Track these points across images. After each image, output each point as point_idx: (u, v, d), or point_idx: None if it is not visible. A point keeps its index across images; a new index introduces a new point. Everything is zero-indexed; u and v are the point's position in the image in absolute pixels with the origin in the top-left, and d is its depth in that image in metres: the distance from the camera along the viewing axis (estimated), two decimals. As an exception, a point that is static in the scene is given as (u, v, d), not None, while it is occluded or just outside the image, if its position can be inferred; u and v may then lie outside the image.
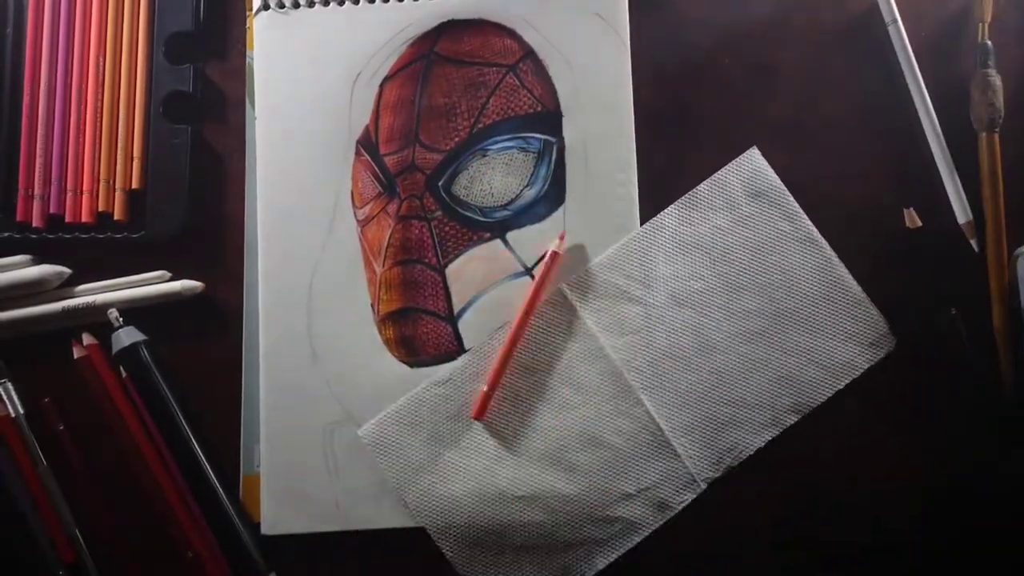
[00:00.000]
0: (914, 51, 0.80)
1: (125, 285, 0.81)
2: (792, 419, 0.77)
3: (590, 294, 0.78)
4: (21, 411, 0.79)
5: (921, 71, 0.80)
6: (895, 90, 0.81)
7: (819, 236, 0.78)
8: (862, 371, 0.78)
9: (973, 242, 0.78)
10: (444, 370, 0.78)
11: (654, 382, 0.77)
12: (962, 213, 0.78)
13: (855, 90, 0.82)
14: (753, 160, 0.80)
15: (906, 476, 0.78)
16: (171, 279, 0.81)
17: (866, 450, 0.78)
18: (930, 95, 0.80)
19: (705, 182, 0.79)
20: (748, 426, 0.77)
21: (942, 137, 0.79)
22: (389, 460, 0.77)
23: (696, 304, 0.78)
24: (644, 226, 0.78)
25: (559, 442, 0.77)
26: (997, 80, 0.78)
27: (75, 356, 0.79)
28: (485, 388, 0.75)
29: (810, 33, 0.82)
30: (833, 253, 0.78)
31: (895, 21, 0.80)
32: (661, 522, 0.77)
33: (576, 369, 0.78)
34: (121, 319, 0.79)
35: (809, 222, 0.79)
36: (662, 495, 0.77)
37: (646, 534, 0.77)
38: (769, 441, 0.77)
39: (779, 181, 0.79)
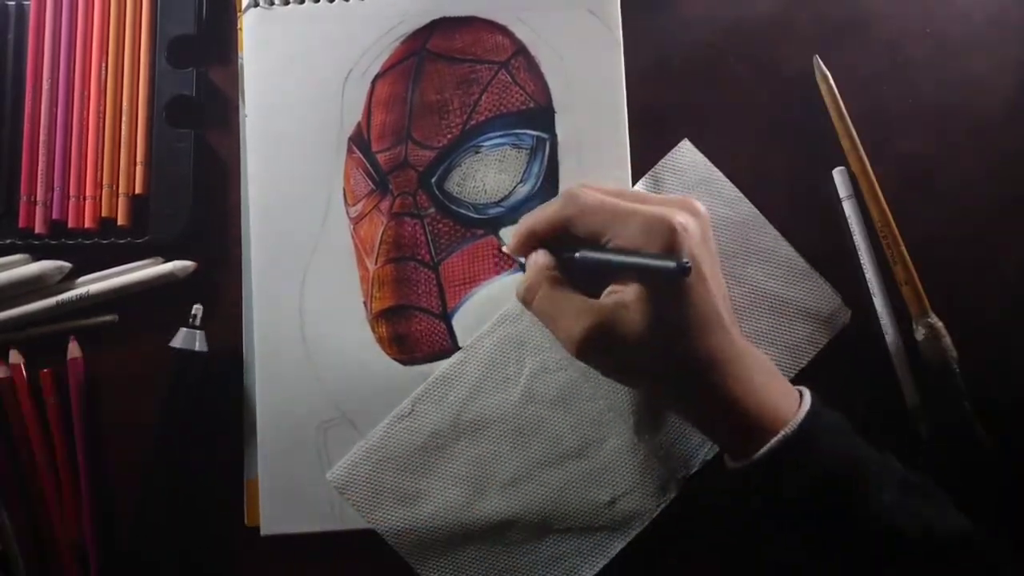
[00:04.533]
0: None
1: (118, 273, 0.81)
2: None
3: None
4: None
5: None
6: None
7: (762, 218, 0.78)
8: (823, 345, 0.77)
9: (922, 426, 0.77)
10: (405, 402, 0.77)
11: (617, 385, 0.76)
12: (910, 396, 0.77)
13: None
14: (685, 152, 0.79)
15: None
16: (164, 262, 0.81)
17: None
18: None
19: (640, 181, 0.79)
20: None
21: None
22: (361, 499, 0.76)
23: None
24: None
25: (531, 460, 0.76)
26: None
27: None
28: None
29: (811, 29, 0.82)
30: (778, 233, 0.78)
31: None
32: (642, 527, 0.76)
33: (536, 385, 0.77)
34: (199, 320, 0.78)
35: (750, 204, 0.78)
36: (639, 499, 0.76)
37: (630, 538, 0.76)
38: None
39: (715, 169, 0.79)
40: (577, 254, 0.67)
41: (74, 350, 0.80)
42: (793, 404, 0.66)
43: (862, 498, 0.62)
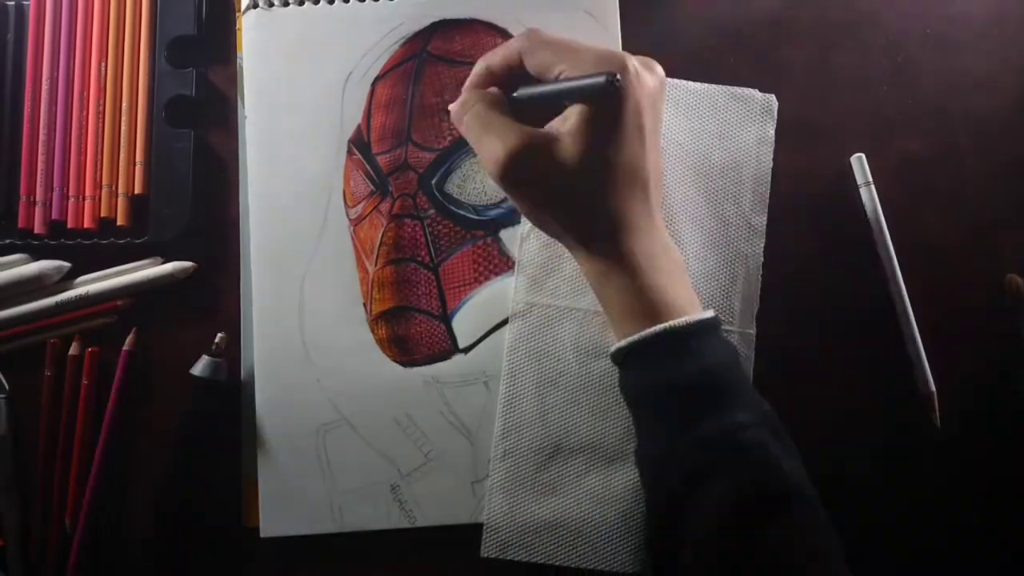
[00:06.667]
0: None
1: (117, 273, 0.81)
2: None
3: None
4: (6, 432, 0.80)
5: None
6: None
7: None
8: (773, 138, 0.80)
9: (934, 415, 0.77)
10: (495, 446, 0.76)
11: None
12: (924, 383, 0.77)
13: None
14: None
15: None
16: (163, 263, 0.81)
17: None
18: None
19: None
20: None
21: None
22: (521, 550, 0.75)
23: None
24: None
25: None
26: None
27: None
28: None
29: (811, 29, 0.82)
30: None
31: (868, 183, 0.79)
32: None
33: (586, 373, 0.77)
34: (221, 347, 0.78)
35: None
36: None
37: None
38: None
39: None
40: (516, 92, 0.66)
41: (131, 342, 0.80)
42: (694, 307, 0.65)
43: (719, 411, 0.62)
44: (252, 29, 0.81)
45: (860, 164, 0.78)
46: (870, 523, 0.76)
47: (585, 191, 0.64)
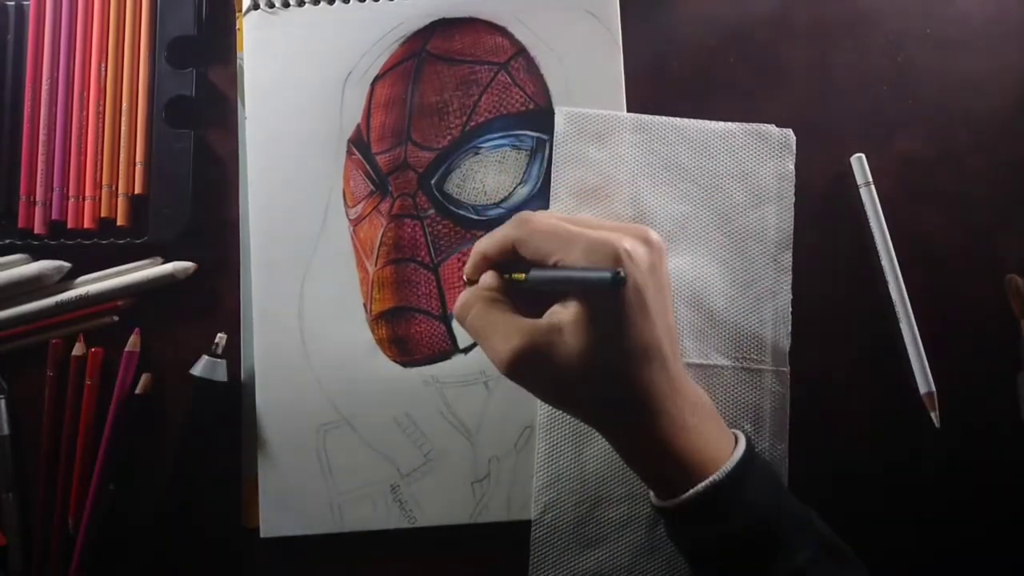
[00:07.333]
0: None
1: (117, 274, 0.81)
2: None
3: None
4: (7, 432, 0.80)
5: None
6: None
7: (667, 119, 0.80)
8: (793, 172, 0.79)
9: (934, 415, 0.76)
10: (540, 500, 0.76)
11: None
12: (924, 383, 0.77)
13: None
14: (562, 119, 0.79)
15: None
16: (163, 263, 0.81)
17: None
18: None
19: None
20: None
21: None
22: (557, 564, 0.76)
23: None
24: None
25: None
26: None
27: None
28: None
29: (811, 29, 0.82)
30: (688, 119, 0.80)
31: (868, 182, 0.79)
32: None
33: None
34: (221, 349, 0.78)
35: (650, 117, 0.80)
36: None
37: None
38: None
39: (600, 112, 0.79)
40: (528, 275, 0.64)
41: (134, 343, 0.80)
42: (726, 449, 0.64)
43: (780, 554, 0.61)
44: (252, 31, 0.81)
45: (860, 164, 0.78)
46: (870, 523, 0.76)
47: (597, 380, 0.62)
